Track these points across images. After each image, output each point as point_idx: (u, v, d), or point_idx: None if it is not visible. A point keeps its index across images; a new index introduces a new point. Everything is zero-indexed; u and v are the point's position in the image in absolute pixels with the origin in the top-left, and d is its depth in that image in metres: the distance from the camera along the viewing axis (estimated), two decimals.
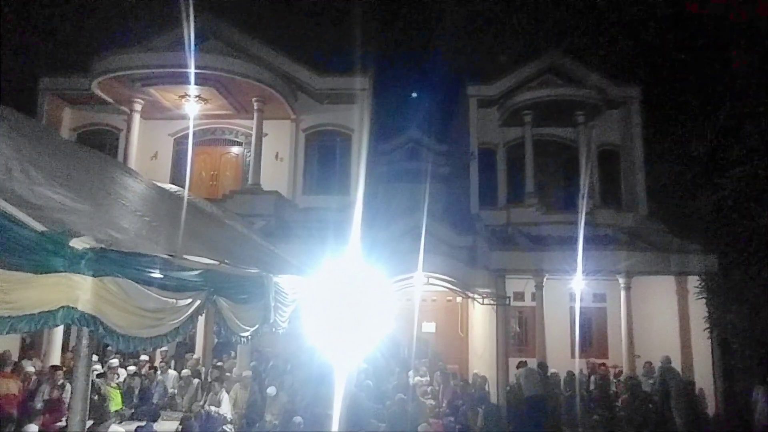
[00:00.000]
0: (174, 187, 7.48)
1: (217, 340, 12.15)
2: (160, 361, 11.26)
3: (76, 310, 2.29)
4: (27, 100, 14.81)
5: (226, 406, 8.75)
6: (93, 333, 2.49)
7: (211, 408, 8.64)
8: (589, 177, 14.23)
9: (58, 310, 2.26)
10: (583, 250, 10.97)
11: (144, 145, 14.73)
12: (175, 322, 2.88)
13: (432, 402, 10.63)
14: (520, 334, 13.81)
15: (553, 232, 13.69)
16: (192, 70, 11.76)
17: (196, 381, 10.01)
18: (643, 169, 15.09)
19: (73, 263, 2.27)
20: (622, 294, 11.91)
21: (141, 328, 2.62)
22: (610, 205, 15.04)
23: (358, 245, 8.47)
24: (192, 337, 11.88)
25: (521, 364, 10.62)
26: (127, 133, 14.32)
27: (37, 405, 8.20)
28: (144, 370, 10.45)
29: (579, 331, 11.90)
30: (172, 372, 10.59)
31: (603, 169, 15.72)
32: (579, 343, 11.96)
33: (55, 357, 9.99)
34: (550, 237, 13.42)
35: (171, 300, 2.83)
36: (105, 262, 2.37)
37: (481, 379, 10.72)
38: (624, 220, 14.52)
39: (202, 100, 13.80)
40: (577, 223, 12.29)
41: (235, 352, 11.47)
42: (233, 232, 6.77)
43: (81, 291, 2.29)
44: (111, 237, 2.62)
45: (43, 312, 2.24)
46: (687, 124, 15.28)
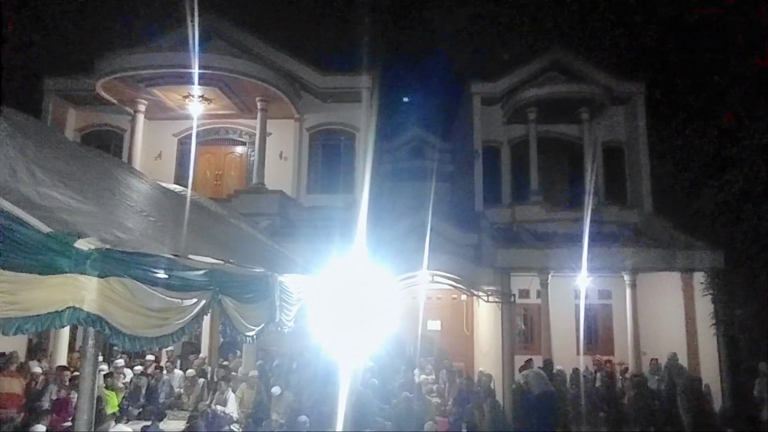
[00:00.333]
0: (178, 187, 7.49)
1: (223, 339, 12.19)
2: (166, 361, 11.30)
3: (82, 310, 2.30)
4: (32, 101, 14.88)
5: (232, 406, 8.77)
6: (99, 333, 2.50)
7: (218, 407, 8.66)
8: (593, 174, 14.15)
9: (65, 310, 2.27)
10: (589, 247, 10.94)
11: (148, 145, 14.76)
12: (180, 321, 2.89)
13: (438, 400, 10.63)
14: (525, 332, 13.79)
15: (558, 229, 13.64)
16: (196, 70, 11.76)
17: (202, 380, 10.04)
18: (648, 166, 14.98)
19: (78, 264, 2.27)
20: (628, 291, 11.87)
21: (146, 328, 2.63)
22: (615, 202, 14.95)
23: (363, 244, 8.48)
24: (198, 336, 11.92)
25: (526, 365, 10.60)
26: (132, 134, 14.36)
27: (45, 405, 8.25)
28: (150, 369, 10.49)
29: (584, 328, 11.86)
30: (178, 371, 10.63)
31: (608, 166, 15.63)
32: (584, 340, 11.92)
33: (61, 357, 10.06)
34: (555, 234, 13.38)
35: (176, 300, 2.83)
36: (110, 263, 2.38)
37: (486, 377, 10.71)
38: (629, 217, 14.44)
39: (206, 100, 13.81)
40: (582, 220, 12.25)
41: (240, 352, 11.50)
42: (238, 232, 6.78)
43: (87, 291, 2.30)
44: (116, 237, 2.63)
45: (50, 313, 2.25)
46: (693, 119, 15.19)
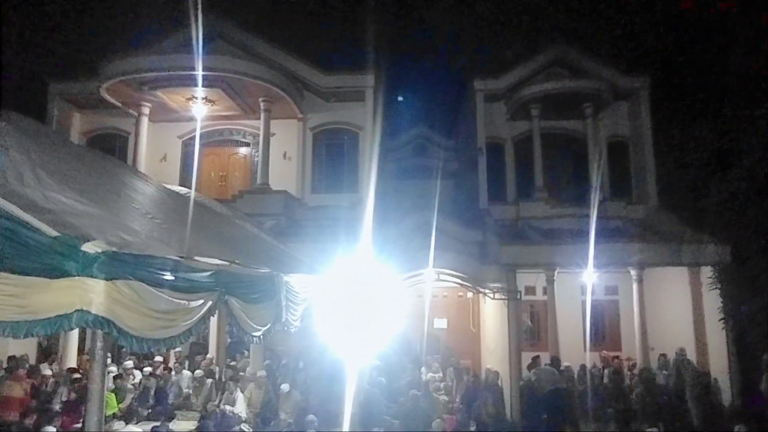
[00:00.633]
0: (183, 189, 7.54)
1: (230, 339, 12.24)
2: (175, 362, 11.36)
3: (90, 313, 2.32)
4: (37, 105, 14.99)
5: (241, 405, 8.81)
6: (107, 335, 2.52)
7: (227, 407, 8.71)
8: (598, 169, 14.09)
9: (73, 313, 2.29)
10: (594, 243, 10.88)
11: (153, 147, 14.83)
12: (187, 323, 2.91)
13: (445, 398, 10.64)
14: (532, 329, 13.75)
15: (563, 225, 13.59)
16: (199, 72, 11.80)
17: (210, 381, 10.09)
18: (653, 161, 14.89)
19: (85, 267, 2.30)
20: (635, 286, 11.81)
21: (154, 330, 2.65)
22: (621, 197, 14.87)
23: (368, 243, 8.49)
24: (205, 337, 11.98)
25: (534, 362, 10.57)
26: (136, 137, 14.43)
27: (56, 407, 8.32)
28: (159, 370, 10.55)
29: (591, 324, 11.82)
30: (186, 372, 10.68)
31: (613, 161, 15.53)
32: (592, 336, 11.87)
33: (71, 359, 10.15)
34: (560, 230, 13.33)
35: (183, 301, 2.85)
36: (117, 265, 2.40)
37: (493, 374, 10.70)
38: (635, 212, 14.37)
39: (209, 101, 13.85)
40: (587, 216, 12.19)
41: (248, 352, 11.55)
42: (243, 232, 6.81)
43: (94, 294, 2.32)
44: (122, 240, 2.65)
45: (59, 316, 2.28)
46: (698, 113, 15.07)
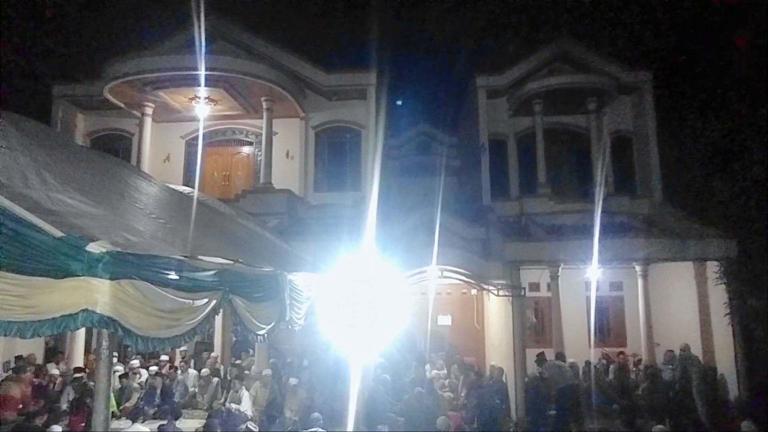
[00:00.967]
0: (187, 189, 7.57)
1: (236, 338, 12.29)
2: (180, 361, 11.42)
3: (95, 313, 2.34)
4: (41, 107, 15.05)
5: (246, 404, 8.86)
6: (112, 335, 2.54)
7: (232, 405, 8.76)
8: (602, 165, 14.03)
9: (78, 313, 2.31)
10: (599, 238, 10.84)
11: (156, 148, 14.88)
12: (192, 322, 2.93)
13: (450, 395, 10.65)
14: (536, 325, 13.75)
15: (567, 221, 13.55)
16: (201, 72, 11.83)
17: (216, 380, 10.14)
18: (657, 155, 14.82)
19: (90, 267, 2.31)
20: (639, 282, 11.78)
21: (159, 329, 2.67)
22: (625, 192, 14.80)
23: (372, 241, 8.50)
24: (211, 336, 12.03)
25: (541, 357, 10.56)
26: (140, 137, 14.48)
27: (63, 406, 8.38)
28: (165, 369, 10.61)
29: (596, 320, 11.79)
30: (192, 371, 10.74)
31: (616, 156, 15.46)
32: (597, 332, 11.84)
33: (78, 359, 10.22)
34: (564, 226, 13.29)
35: (187, 300, 2.87)
36: (121, 265, 2.41)
37: (497, 371, 10.70)
38: (639, 207, 14.29)
39: (212, 101, 13.89)
40: (591, 211, 12.15)
41: (253, 350, 11.59)
42: (247, 231, 6.83)
43: (99, 294, 2.34)
44: (126, 240, 2.67)
45: (64, 315, 2.30)
46: (702, 107, 14.98)
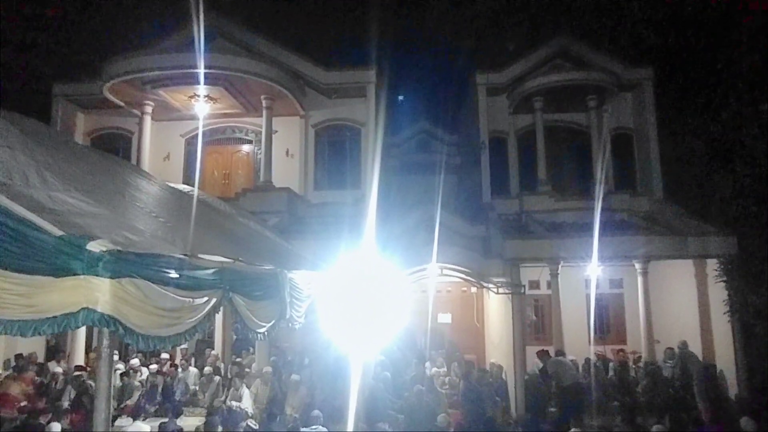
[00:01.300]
0: (187, 187, 7.56)
1: (236, 337, 12.30)
2: (181, 359, 11.44)
3: (95, 311, 2.35)
4: (41, 106, 15.05)
5: (247, 401, 8.88)
6: (113, 333, 2.54)
7: (233, 403, 8.78)
8: (602, 162, 14.03)
9: (79, 312, 2.32)
10: (599, 236, 10.85)
11: (156, 146, 14.88)
12: (192, 320, 2.94)
13: (450, 392, 10.66)
14: (536, 323, 13.76)
15: (567, 218, 13.56)
16: (201, 71, 11.82)
17: (217, 378, 10.16)
18: (657, 152, 14.82)
19: (91, 266, 2.32)
20: (640, 279, 11.77)
21: (159, 328, 2.67)
22: (625, 190, 14.81)
23: (372, 239, 8.51)
24: (211, 334, 12.06)
25: (543, 354, 10.54)
26: (139, 136, 14.48)
27: (65, 405, 8.40)
28: (165, 368, 10.63)
29: (596, 317, 11.79)
30: (192, 369, 10.75)
31: (617, 154, 15.46)
32: (597, 329, 11.84)
33: (79, 357, 10.25)
34: (564, 224, 13.30)
35: (188, 299, 2.88)
36: (122, 264, 2.42)
37: (498, 369, 10.72)
38: (640, 205, 14.30)
39: (212, 99, 13.88)
40: (591, 209, 12.15)
41: (253, 349, 11.61)
42: (247, 230, 6.83)
43: (100, 293, 2.35)
44: (127, 239, 2.67)
45: (65, 314, 2.30)
46: (703, 104, 14.97)
